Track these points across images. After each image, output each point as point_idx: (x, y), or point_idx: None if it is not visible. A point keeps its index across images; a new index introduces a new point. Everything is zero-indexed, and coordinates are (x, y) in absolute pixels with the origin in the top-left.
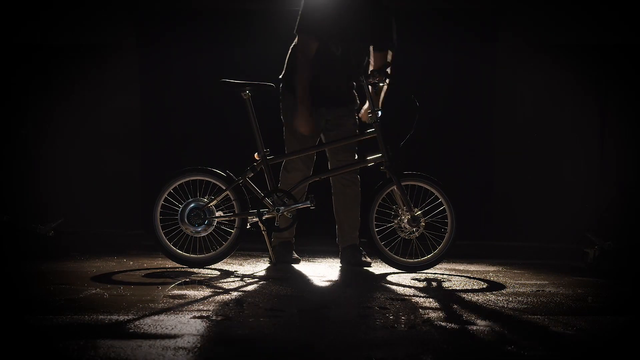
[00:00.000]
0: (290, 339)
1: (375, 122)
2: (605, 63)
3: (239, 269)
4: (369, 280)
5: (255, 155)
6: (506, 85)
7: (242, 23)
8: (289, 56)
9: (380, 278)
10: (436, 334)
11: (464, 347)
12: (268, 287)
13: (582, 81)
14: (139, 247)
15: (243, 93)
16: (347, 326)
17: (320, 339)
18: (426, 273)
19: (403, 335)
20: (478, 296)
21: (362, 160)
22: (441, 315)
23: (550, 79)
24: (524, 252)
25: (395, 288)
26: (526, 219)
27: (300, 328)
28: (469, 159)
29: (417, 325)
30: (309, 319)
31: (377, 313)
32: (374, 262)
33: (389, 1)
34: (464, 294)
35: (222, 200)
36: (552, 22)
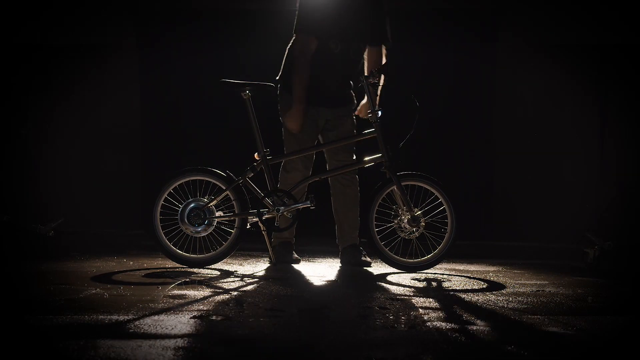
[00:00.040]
0: (290, 339)
1: (375, 122)
2: (605, 63)
3: (239, 269)
4: (369, 280)
5: (255, 155)
6: (506, 85)
7: (242, 23)
8: (285, 57)
9: (380, 278)
10: (436, 334)
11: (464, 347)
12: (268, 287)
13: (582, 81)
14: (139, 247)
15: (243, 93)
16: (347, 326)
17: (320, 339)
18: (426, 273)
19: (403, 335)
20: (478, 296)
21: (362, 160)
22: (441, 315)
23: (550, 79)
24: (524, 252)
25: (395, 288)
26: (526, 219)
27: (300, 328)
28: (468, 158)
29: (417, 325)
30: (309, 319)
31: (377, 313)
32: (374, 262)
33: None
34: (464, 294)
35: (222, 200)
36: (552, 22)
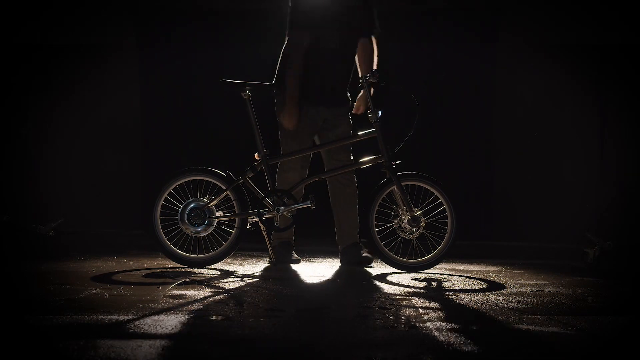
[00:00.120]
0: (290, 339)
1: (375, 122)
2: (605, 63)
3: (239, 269)
4: (369, 280)
5: (256, 155)
6: (506, 85)
7: (242, 23)
8: (280, 60)
9: (381, 278)
10: (436, 334)
11: (464, 347)
12: (268, 287)
13: (582, 81)
14: (139, 247)
15: (243, 93)
16: (347, 326)
17: (320, 339)
18: (426, 273)
19: (403, 335)
20: (478, 296)
21: (362, 160)
22: (441, 315)
23: (550, 79)
24: (524, 252)
25: (396, 288)
26: (526, 218)
27: (300, 328)
28: (469, 158)
29: (417, 325)
30: (309, 319)
31: (377, 313)
32: (374, 262)
33: None
34: (464, 294)
35: (222, 200)
36: (552, 22)
